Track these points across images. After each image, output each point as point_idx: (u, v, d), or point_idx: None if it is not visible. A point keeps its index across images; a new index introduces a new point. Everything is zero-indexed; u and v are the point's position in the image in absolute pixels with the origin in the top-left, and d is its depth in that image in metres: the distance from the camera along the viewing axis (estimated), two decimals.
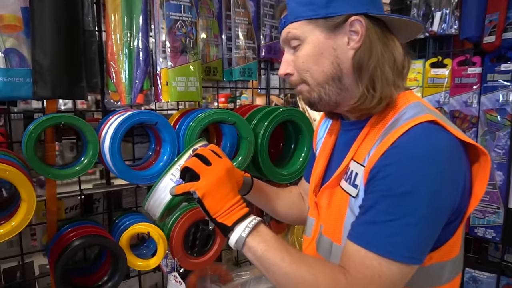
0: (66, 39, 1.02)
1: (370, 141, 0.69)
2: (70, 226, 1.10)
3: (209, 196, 0.67)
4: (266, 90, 1.63)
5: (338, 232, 0.71)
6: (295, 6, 0.69)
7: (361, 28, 0.66)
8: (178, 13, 1.15)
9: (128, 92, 1.17)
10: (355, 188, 0.68)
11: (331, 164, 0.83)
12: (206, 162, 0.70)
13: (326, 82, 0.69)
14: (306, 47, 0.69)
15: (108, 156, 1.04)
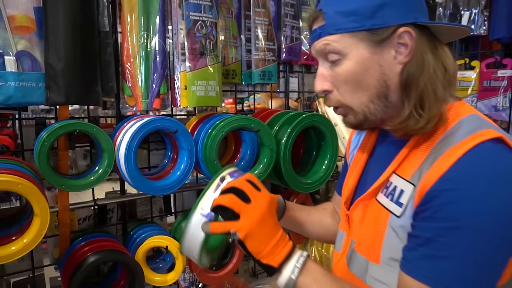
0: (81, 41, 0.96)
1: (419, 156, 0.63)
2: (83, 239, 1.04)
3: (252, 237, 0.59)
4: (285, 94, 1.57)
5: (375, 250, 0.65)
6: (335, 16, 0.61)
7: (410, 40, 0.59)
8: (198, 13, 1.08)
9: (144, 97, 1.11)
10: (399, 207, 0.61)
11: (365, 176, 0.78)
12: (245, 199, 0.61)
13: (371, 101, 0.63)
14: (348, 64, 0.61)
15: (123, 165, 0.98)
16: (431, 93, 0.59)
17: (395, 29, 0.59)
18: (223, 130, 1.04)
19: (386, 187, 0.66)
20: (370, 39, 0.60)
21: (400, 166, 0.65)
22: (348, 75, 0.62)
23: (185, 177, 1.08)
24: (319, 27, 0.63)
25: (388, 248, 0.62)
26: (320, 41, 0.63)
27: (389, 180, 0.67)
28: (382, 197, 0.66)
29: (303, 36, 1.49)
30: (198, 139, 1.13)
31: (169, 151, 1.20)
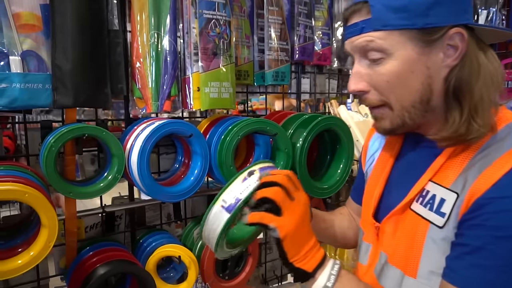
0: (90, 40, 0.91)
1: (459, 163, 0.59)
2: (91, 249, 0.99)
3: (291, 238, 0.56)
4: (297, 95, 1.52)
5: (413, 264, 0.61)
6: (383, 11, 0.55)
7: (461, 42, 0.56)
8: (211, 11, 1.03)
9: (154, 99, 1.06)
10: (441, 217, 0.57)
11: (393, 184, 0.73)
12: (289, 195, 0.58)
13: (412, 105, 0.59)
14: (393, 64, 0.57)
15: (136, 171, 0.93)
16: (487, 99, 0.56)
17: (447, 30, 0.55)
18: (239, 134, 0.99)
19: (422, 196, 0.62)
20: (419, 38, 0.55)
21: (437, 174, 0.61)
22: (391, 76, 0.57)
23: (199, 182, 1.04)
24: (362, 21, 0.58)
25: (428, 261, 0.58)
26: (362, 36, 0.58)
27: (424, 188, 0.62)
28: (419, 207, 0.62)
29: (316, 36, 1.44)
30: (210, 143, 1.08)
31: (180, 155, 1.15)
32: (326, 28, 1.47)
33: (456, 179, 0.58)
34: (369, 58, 0.59)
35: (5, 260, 0.72)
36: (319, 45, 1.46)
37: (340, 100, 1.77)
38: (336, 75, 1.68)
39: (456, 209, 0.56)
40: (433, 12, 0.54)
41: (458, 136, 0.57)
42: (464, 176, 0.57)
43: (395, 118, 0.61)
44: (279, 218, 0.56)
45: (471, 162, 0.57)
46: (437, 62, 0.57)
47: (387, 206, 0.71)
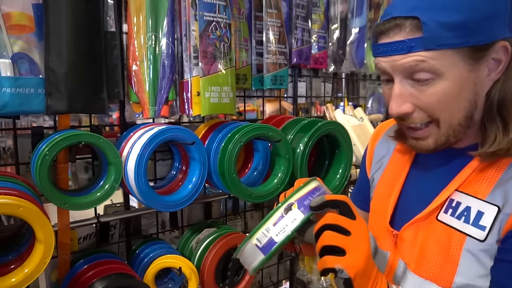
0: (86, 42, 0.86)
1: (492, 174, 0.58)
2: (86, 261, 0.94)
3: (360, 274, 0.51)
4: (293, 99, 1.50)
5: (447, 276, 0.59)
6: (438, 30, 0.51)
7: (505, 56, 0.54)
8: (212, 13, 1.00)
9: (151, 104, 1.02)
10: (481, 230, 0.56)
11: (411, 191, 0.72)
12: (344, 231, 0.52)
13: (459, 123, 0.57)
14: (444, 85, 0.54)
15: (133, 180, 0.89)
16: None
17: (494, 44, 0.53)
18: (241, 141, 0.96)
19: (451, 206, 0.61)
20: (470, 56, 0.53)
21: (467, 184, 0.60)
22: (441, 97, 0.55)
23: (198, 190, 1.00)
24: (410, 39, 0.53)
25: (464, 274, 0.57)
26: (411, 56, 0.54)
27: (451, 198, 0.61)
28: (450, 218, 0.60)
29: (312, 39, 1.42)
30: (209, 149, 1.05)
31: (177, 162, 1.12)
32: (323, 31, 1.46)
33: (493, 191, 0.56)
34: (415, 78, 0.56)
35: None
36: (316, 48, 1.44)
37: (335, 104, 1.77)
38: (331, 78, 1.68)
39: (499, 223, 0.54)
40: (486, 28, 0.52)
41: (501, 151, 0.56)
42: (503, 189, 0.55)
43: (440, 136, 0.59)
44: (344, 258, 0.51)
45: (506, 174, 0.56)
46: (483, 78, 0.56)
47: (404, 214, 0.70)
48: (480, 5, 0.51)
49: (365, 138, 1.52)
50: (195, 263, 1.05)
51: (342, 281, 0.51)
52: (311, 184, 0.59)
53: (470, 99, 0.56)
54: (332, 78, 1.67)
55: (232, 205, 1.36)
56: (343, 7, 1.52)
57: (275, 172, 1.12)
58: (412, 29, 0.53)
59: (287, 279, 1.58)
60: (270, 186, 1.08)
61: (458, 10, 0.51)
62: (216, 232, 1.11)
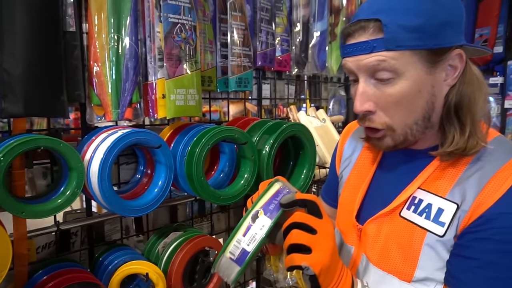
0: (44, 42, 0.82)
1: (452, 173, 0.62)
2: (45, 272, 0.90)
3: (325, 271, 0.54)
4: (258, 101, 1.52)
5: (408, 270, 0.63)
6: (398, 31, 0.55)
7: (460, 63, 0.59)
8: (177, 15, 0.99)
9: (114, 106, 0.99)
10: (440, 226, 0.60)
11: (377, 189, 0.75)
12: (310, 230, 0.55)
13: (415, 122, 0.60)
14: (403, 84, 0.57)
15: (97, 185, 0.86)
16: (482, 114, 0.59)
17: (450, 51, 0.57)
18: (209, 143, 0.96)
19: (414, 203, 0.64)
20: (428, 59, 0.56)
21: (429, 183, 0.64)
22: (401, 96, 0.58)
23: (164, 194, 0.99)
24: (373, 40, 0.56)
25: (424, 268, 0.61)
26: (373, 55, 0.57)
27: (414, 196, 0.65)
28: (412, 215, 0.64)
29: (276, 42, 1.45)
30: (175, 153, 1.04)
31: (142, 165, 1.09)
32: (286, 34, 1.49)
33: (452, 189, 0.60)
34: (377, 77, 0.58)
35: None
36: (279, 51, 1.47)
37: (298, 105, 1.81)
38: (294, 81, 1.71)
39: (457, 220, 0.58)
40: (442, 33, 0.55)
41: (458, 150, 0.59)
42: (461, 187, 0.59)
43: (398, 136, 0.62)
44: (309, 256, 0.53)
45: (466, 173, 0.60)
46: (440, 81, 0.59)
47: (369, 210, 0.73)
48: (437, 12, 0.55)
49: (327, 139, 1.57)
50: (162, 268, 1.03)
51: (308, 277, 0.54)
52: (274, 187, 0.60)
53: (428, 100, 0.59)
54: (295, 80, 1.71)
55: (198, 208, 1.35)
56: (305, 11, 1.56)
57: (241, 173, 1.13)
58: (374, 30, 0.56)
59: (254, 279, 1.60)
60: (237, 187, 1.09)
61: (417, 15, 0.54)
62: (183, 236, 1.10)
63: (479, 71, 0.63)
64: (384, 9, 0.56)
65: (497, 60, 1.49)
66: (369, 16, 0.57)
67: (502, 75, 1.48)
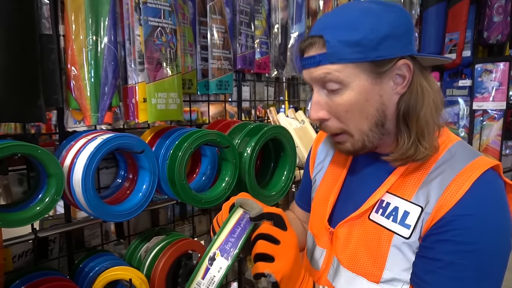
0: (18, 45, 0.80)
1: (416, 177, 0.65)
2: (22, 282, 0.87)
3: (286, 278, 0.58)
4: (238, 103, 1.52)
5: (376, 271, 0.66)
6: (338, 46, 0.59)
7: (408, 72, 0.62)
8: (157, 18, 0.98)
9: (94, 110, 0.97)
10: (406, 228, 0.63)
11: (348, 193, 0.78)
12: (274, 241, 0.59)
13: (370, 129, 0.64)
14: (350, 94, 0.61)
15: (80, 191, 0.84)
16: (431, 123, 0.62)
17: (395, 62, 0.60)
18: (191, 147, 0.96)
19: (382, 207, 0.67)
20: (372, 70, 0.60)
21: (395, 186, 0.67)
22: (349, 105, 0.62)
23: (148, 198, 0.98)
24: (319, 54, 0.61)
25: (392, 269, 0.63)
26: (320, 69, 0.61)
27: (382, 199, 0.67)
28: (380, 218, 0.66)
29: (255, 44, 1.46)
30: (157, 156, 1.03)
31: (123, 170, 1.08)
32: (265, 37, 1.51)
33: (417, 193, 0.63)
34: (328, 88, 0.63)
35: None
36: (259, 53, 1.48)
37: (277, 107, 1.83)
38: (273, 82, 1.73)
39: (421, 222, 0.61)
40: (383, 46, 0.58)
41: (407, 157, 0.63)
42: (425, 190, 0.62)
43: (356, 142, 0.66)
44: (272, 264, 0.57)
45: (429, 177, 0.63)
46: (388, 90, 0.62)
47: (341, 213, 0.76)
48: (378, 26, 0.58)
49: (306, 140, 1.60)
50: (144, 273, 1.02)
51: (271, 284, 0.57)
52: (231, 221, 0.62)
53: (378, 108, 0.62)
54: (274, 82, 1.73)
55: (180, 211, 1.34)
56: (283, 14, 1.58)
57: (222, 176, 1.14)
58: (319, 46, 0.61)
59: (235, 279, 1.61)
60: (218, 190, 1.10)
61: (357, 30, 0.58)
62: (165, 240, 1.10)
63: (431, 79, 0.65)
64: (328, 26, 0.61)
65: (465, 63, 1.57)
66: (316, 33, 0.62)
67: (470, 78, 1.56)
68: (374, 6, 0.61)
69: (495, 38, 1.46)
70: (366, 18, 0.59)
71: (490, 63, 1.49)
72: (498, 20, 1.45)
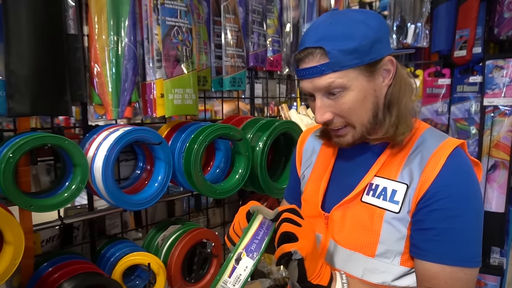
0: (47, 44, 0.86)
1: (398, 159, 0.74)
2: (50, 264, 0.94)
3: (310, 256, 0.62)
4: (250, 99, 1.57)
5: (371, 246, 0.72)
6: (339, 56, 0.66)
7: (392, 66, 0.71)
8: (174, 18, 1.04)
9: (115, 105, 1.03)
10: (395, 204, 0.70)
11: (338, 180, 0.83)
12: (296, 224, 0.64)
13: (368, 121, 0.72)
14: (352, 94, 0.69)
15: (100, 180, 0.91)
16: (409, 107, 0.72)
17: (382, 59, 0.69)
18: (206, 140, 1.01)
19: (372, 189, 0.74)
20: (367, 70, 0.68)
21: (382, 169, 0.75)
22: (351, 104, 0.69)
23: (163, 188, 1.04)
24: (321, 64, 0.67)
25: (385, 242, 0.70)
26: (324, 78, 0.68)
27: (371, 182, 0.75)
28: (371, 199, 0.73)
29: (268, 43, 1.51)
30: (173, 149, 1.09)
31: (141, 162, 1.14)
32: (277, 35, 1.55)
33: (401, 172, 0.71)
34: (330, 92, 0.69)
35: None
36: (271, 51, 1.53)
37: (289, 104, 1.87)
38: (285, 80, 1.78)
39: (408, 197, 0.69)
40: (373, 49, 0.67)
41: (387, 137, 0.71)
42: (408, 170, 0.71)
43: (356, 133, 0.73)
44: (297, 243, 0.62)
45: (409, 158, 0.72)
46: (379, 85, 0.71)
47: (333, 199, 0.81)
48: (367, 33, 0.66)
49: None
50: (161, 259, 1.08)
51: (296, 262, 0.61)
52: (254, 226, 0.68)
53: (373, 102, 0.71)
54: (286, 79, 1.78)
55: (195, 203, 1.40)
56: (295, 13, 1.62)
57: (235, 169, 1.19)
58: (321, 56, 0.67)
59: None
60: (232, 182, 1.15)
61: (353, 39, 0.65)
62: (181, 229, 1.16)
63: (407, 72, 0.75)
64: (325, 37, 0.67)
65: (476, 60, 1.57)
66: (314, 44, 0.67)
67: (480, 75, 1.56)
68: (358, 15, 0.69)
69: (506, 34, 1.46)
70: (357, 27, 0.66)
71: (501, 59, 1.49)
72: (509, 16, 1.45)
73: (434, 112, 1.70)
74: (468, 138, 1.62)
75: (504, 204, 1.57)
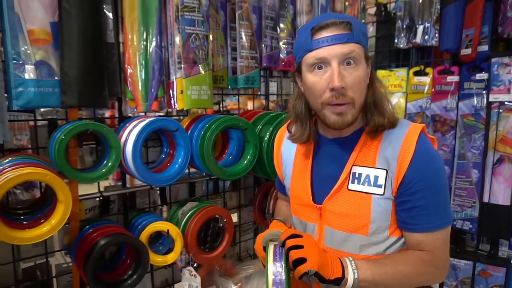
0: (92, 51, 1.09)
1: (371, 149, 0.84)
2: (91, 227, 1.17)
3: (321, 265, 0.75)
4: (265, 96, 1.74)
5: (364, 226, 0.84)
6: (359, 32, 0.78)
7: (370, 58, 0.84)
8: (192, 27, 1.24)
9: (144, 100, 1.25)
10: (379, 188, 0.82)
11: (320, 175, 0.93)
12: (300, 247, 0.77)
13: (361, 104, 0.82)
14: (360, 69, 0.79)
15: (131, 160, 1.12)
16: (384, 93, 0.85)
17: None
18: (217, 129, 1.20)
19: (355, 177, 0.84)
20: (366, 55, 0.81)
21: (359, 159, 0.85)
22: (360, 78, 0.79)
23: (182, 169, 1.24)
24: (347, 34, 0.76)
25: (376, 221, 0.83)
26: (348, 45, 0.76)
27: (353, 172, 0.85)
28: (357, 186, 0.84)
29: (281, 44, 1.67)
30: (192, 137, 1.29)
31: (166, 147, 1.35)
32: (290, 38, 1.71)
33: (378, 159, 0.82)
34: (346, 63, 0.77)
35: (34, 228, 0.91)
36: (284, 53, 1.69)
37: None
38: None
39: (390, 180, 0.80)
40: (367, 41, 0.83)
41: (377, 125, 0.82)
42: (383, 157, 0.81)
43: (354, 113, 0.80)
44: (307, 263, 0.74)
45: (382, 146, 0.82)
46: (368, 72, 0.83)
47: (319, 192, 0.91)
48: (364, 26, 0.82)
49: None
50: (180, 229, 1.29)
51: (313, 276, 0.75)
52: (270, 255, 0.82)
53: (365, 86, 0.82)
54: None
55: (213, 186, 1.60)
56: (308, 17, 1.77)
57: (244, 155, 1.37)
58: (345, 27, 0.77)
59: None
60: (241, 166, 1.33)
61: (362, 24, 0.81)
62: (198, 206, 1.36)
63: None
64: (346, 17, 0.80)
65: (482, 57, 1.63)
66: (341, 19, 0.78)
67: (487, 72, 1.62)
68: None
69: (509, 32, 1.52)
70: None
71: (506, 57, 1.54)
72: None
73: (443, 108, 1.77)
74: (475, 132, 1.68)
75: (510, 197, 1.62)
